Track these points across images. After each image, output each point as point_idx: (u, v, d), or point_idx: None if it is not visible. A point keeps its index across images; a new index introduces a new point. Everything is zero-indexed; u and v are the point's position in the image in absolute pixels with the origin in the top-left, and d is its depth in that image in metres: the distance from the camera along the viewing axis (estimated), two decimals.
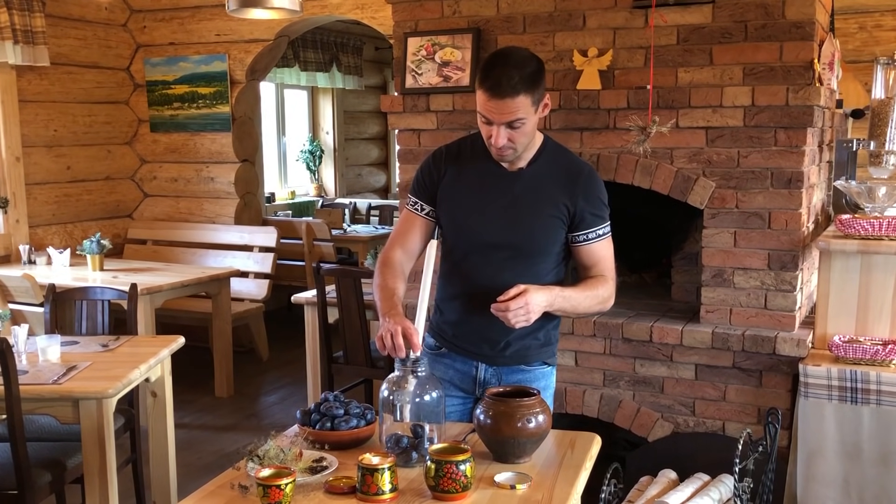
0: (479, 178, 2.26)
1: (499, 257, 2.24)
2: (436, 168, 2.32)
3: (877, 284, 3.12)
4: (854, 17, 4.72)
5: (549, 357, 2.36)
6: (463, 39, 3.69)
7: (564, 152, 2.31)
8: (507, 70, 2.07)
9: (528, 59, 2.13)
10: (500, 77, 2.06)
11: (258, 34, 5.97)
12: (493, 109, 2.09)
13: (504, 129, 2.11)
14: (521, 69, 2.08)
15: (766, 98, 3.16)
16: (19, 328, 3.22)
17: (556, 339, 2.38)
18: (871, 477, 2.96)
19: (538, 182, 2.23)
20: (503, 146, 2.14)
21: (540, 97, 2.14)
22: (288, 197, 8.56)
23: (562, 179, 2.23)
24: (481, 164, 2.26)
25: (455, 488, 1.74)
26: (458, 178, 2.28)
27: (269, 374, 5.88)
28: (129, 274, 4.99)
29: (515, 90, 2.06)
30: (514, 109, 2.08)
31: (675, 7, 3.33)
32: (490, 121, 2.12)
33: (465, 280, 2.28)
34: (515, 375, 2.30)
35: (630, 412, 3.47)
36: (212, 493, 1.81)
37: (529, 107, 2.10)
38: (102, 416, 2.85)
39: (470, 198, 2.26)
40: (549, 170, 2.24)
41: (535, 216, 2.22)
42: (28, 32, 5.30)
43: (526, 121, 2.12)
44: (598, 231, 2.27)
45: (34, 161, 5.69)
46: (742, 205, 3.28)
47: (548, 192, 2.22)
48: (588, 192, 2.24)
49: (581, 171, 2.26)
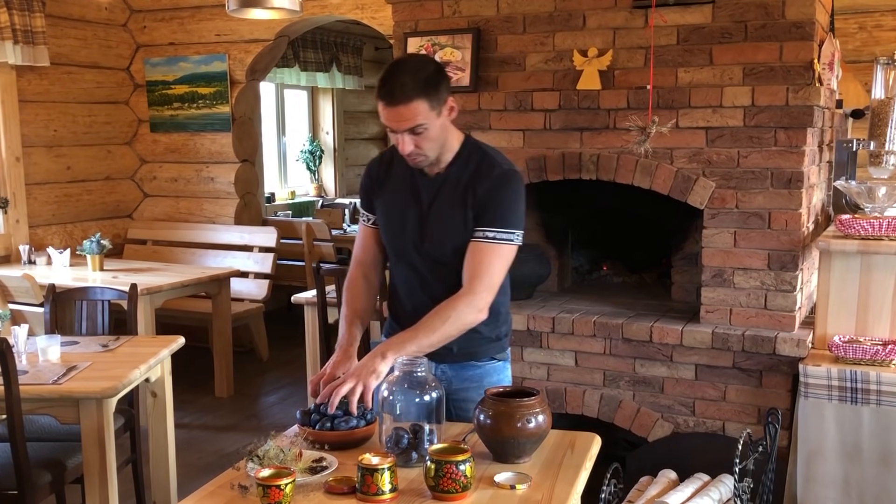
0: (404, 186, 2.27)
1: (423, 263, 2.25)
2: (370, 179, 2.35)
3: (877, 284, 3.12)
4: (854, 17, 4.72)
5: (497, 353, 2.35)
6: (463, 39, 3.69)
7: (483, 153, 2.24)
8: (400, 77, 2.06)
9: (424, 65, 2.12)
10: (392, 85, 2.06)
11: (258, 34, 5.97)
12: (391, 117, 2.09)
13: (408, 136, 2.10)
14: (415, 75, 2.06)
15: (766, 98, 3.16)
16: (19, 328, 3.22)
17: (504, 335, 2.36)
18: (871, 477, 2.96)
19: (452, 185, 2.21)
20: (411, 153, 2.13)
21: (440, 101, 2.11)
22: (288, 197, 8.56)
23: (471, 179, 2.20)
24: (407, 172, 2.26)
25: (455, 488, 1.74)
26: (387, 186, 2.31)
27: (269, 374, 5.88)
28: (129, 274, 4.99)
29: (408, 96, 2.05)
30: (410, 116, 2.06)
31: (675, 7, 3.33)
32: (394, 129, 2.11)
33: (402, 285, 2.32)
34: (466, 372, 2.30)
35: (630, 412, 3.47)
36: (212, 493, 1.81)
37: (428, 111, 2.08)
38: (102, 416, 2.85)
39: (396, 206, 2.28)
40: (463, 172, 2.22)
41: (445, 220, 2.21)
42: (28, 32, 5.30)
43: (428, 126, 2.09)
44: (486, 231, 2.15)
45: (34, 161, 5.69)
46: (742, 205, 3.28)
47: (458, 194, 2.20)
48: (489, 189, 2.16)
49: (492, 170, 2.19)
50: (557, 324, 3.51)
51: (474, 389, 2.26)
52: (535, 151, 3.58)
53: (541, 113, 3.54)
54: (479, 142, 2.29)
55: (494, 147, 2.32)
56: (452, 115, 2.17)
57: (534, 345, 3.60)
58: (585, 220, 4.16)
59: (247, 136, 6.36)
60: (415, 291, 2.29)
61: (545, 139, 3.56)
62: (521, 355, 3.63)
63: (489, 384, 2.28)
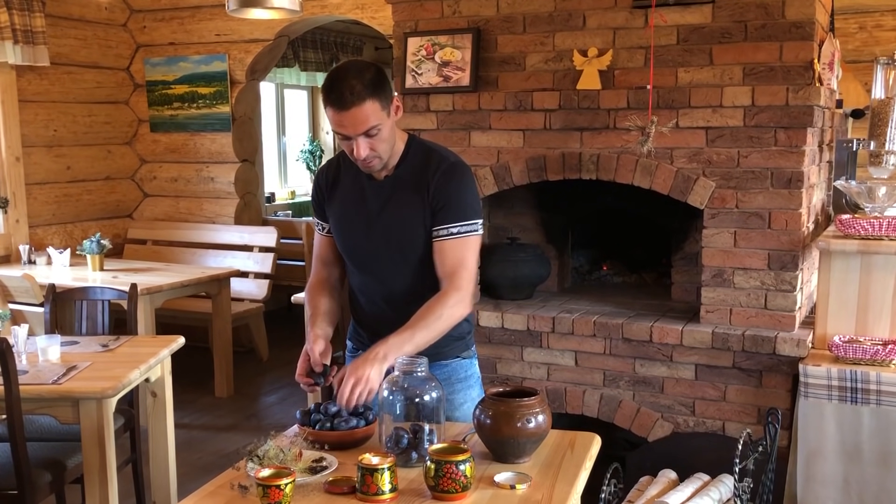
0: (353, 192, 2.28)
1: (381, 267, 2.26)
2: (319, 187, 2.36)
3: (877, 284, 3.12)
4: (854, 17, 4.71)
5: (463, 351, 2.37)
6: (463, 39, 3.69)
7: (428, 150, 2.26)
8: (347, 81, 2.05)
9: (367, 67, 2.12)
10: (342, 90, 2.05)
11: (258, 34, 5.97)
12: (345, 123, 2.08)
13: (363, 139, 2.10)
14: (361, 77, 2.06)
15: (766, 98, 3.16)
16: (19, 328, 3.22)
17: (468, 333, 2.38)
18: (871, 477, 2.96)
19: (402, 184, 2.22)
20: (367, 156, 2.12)
21: (388, 101, 2.12)
22: (288, 197, 8.56)
23: (420, 175, 2.21)
24: (354, 178, 2.27)
25: (455, 488, 1.74)
26: (336, 194, 2.31)
27: (269, 374, 5.87)
28: (129, 274, 4.99)
29: (361, 97, 2.04)
30: (363, 118, 2.06)
31: (675, 7, 3.33)
32: (347, 136, 2.10)
33: (364, 290, 2.33)
34: (435, 370, 2.27)
35: (630, 412, 3.47)
36: (212, 493, 1.81)
37: (380, 111, 2.09)
38: (102, 416, 2.85)
39: (348, 212, 2.29)
40: (411, 170, 2.23)
41: (402, 220, 2.22)
42: (28, 32, 5.30)
43: (381, 126, 2.10)
44: (449, 228, 2.17)
45: (34, 161, 5.69)
46: (742, 205, 3.28)
47: (409, 191, 2.21)
48: (441, 184, 2.18)
49: (440, 165, 2.20)
50: (557, 324, 3.51)
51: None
52: (535, 151, 3.58)
53: (541, 113, 3.54)
54: (422, 139, 2.31)
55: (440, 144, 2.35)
56: (399, 114, 2.18)
57: (534, 345, 3.60)
58: (585, 220, 4.16)
59: (247, 135, 6.36)
60: (373, 293, 2.31)
61: (545, 139, 3.56)
62: (521, 355, 3.63)
63: (457, 381, 2.33)
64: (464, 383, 2.35)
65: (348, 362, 2.38)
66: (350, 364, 2.07)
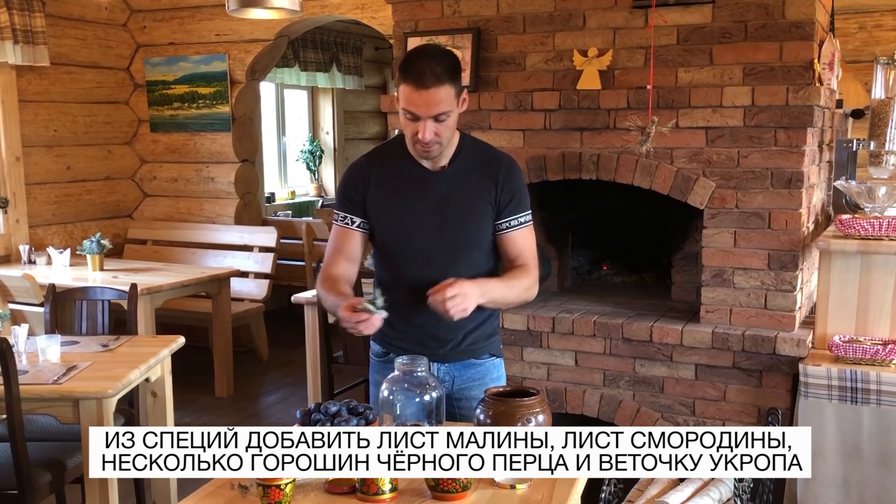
0: (405, 182, 2.26)
1: (436, 257, 2.24)
2: (360, 179, 2.30)
3: (877, 284, 3.12)
4: (854, 17, 4.71)
5: (495, 349, 2.39)
6: (463, 39, 3.69)
7: (483, 145, 2.34)
8: (428, 62, 2.06)
9: (447, 53, 2.15)
10: (423, 69, 2.05)
11: (258, 34, 5.97)
12: (419, 102, 2.08)
13: (431, 122, 2.10)
14: (442, 61, 2.08)
15: (766, 98, 3.16)
16: (19, 328, 3.22)
17: (498, 331, 2.41)
18: (871, 477, 2.97)
19: (463, 177, 2.24)
20: (430, 141, 2.12)
21: (460, 90, 2.14)
22: (288, 197, 8.56)
23: (483, 170, 2.25)
24: (404, 168, 2.26)
25: (455, 488, 1.74)
26: (383, 185, 2.28)
27: (269, 374, 5.88)
28: (129, 274, 4.99)
29: (440, 80, 2.06)
30: (438, 101, 2.07)
31: (675, 7, 3.33)
32: (416, 116, 2.10)
33: (407, 285, 2.25)
34: (468, 371, 2.32)
35: (630, 412, 3.48)
36: (212, 493, 1.81)
37: (453, 99, 2.11)
38: (102, 416, 2.85)
39: (399, 203, 2.26)
40: (471, 164, 2.26)
41: (465, 211, 2.24)
42: (28, 32, 5.30)
43: (451, 113, 2.12)
44: (519, 219, 2.28)
45: (34, 161, 5.69)
46: (742, 205, 3.28)
47: (473, 184, 2.24)
48: (507, 179, 2.26)
49: (500, 160, 2.29)
50: (557, 324, 3.51)
51: (476, 387, 2.29)
52: (535, 151, 3.58)
53: (541, 113, 3.53)
54: (472, 136, 2.35)
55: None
56: (464, 107, 2.20)
57: (534, 345, 3.60)
58: (585, 220, 4.16)
59: (247, 136, 6.36)
60: (417, 282, 2.21)
61: (545, 139, 3.56)
62: (521, 355, 3.63)
63: (490, 381, 2.33)
64: (496, 382, 2.35)
65: (373, 370, 2.37)
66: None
